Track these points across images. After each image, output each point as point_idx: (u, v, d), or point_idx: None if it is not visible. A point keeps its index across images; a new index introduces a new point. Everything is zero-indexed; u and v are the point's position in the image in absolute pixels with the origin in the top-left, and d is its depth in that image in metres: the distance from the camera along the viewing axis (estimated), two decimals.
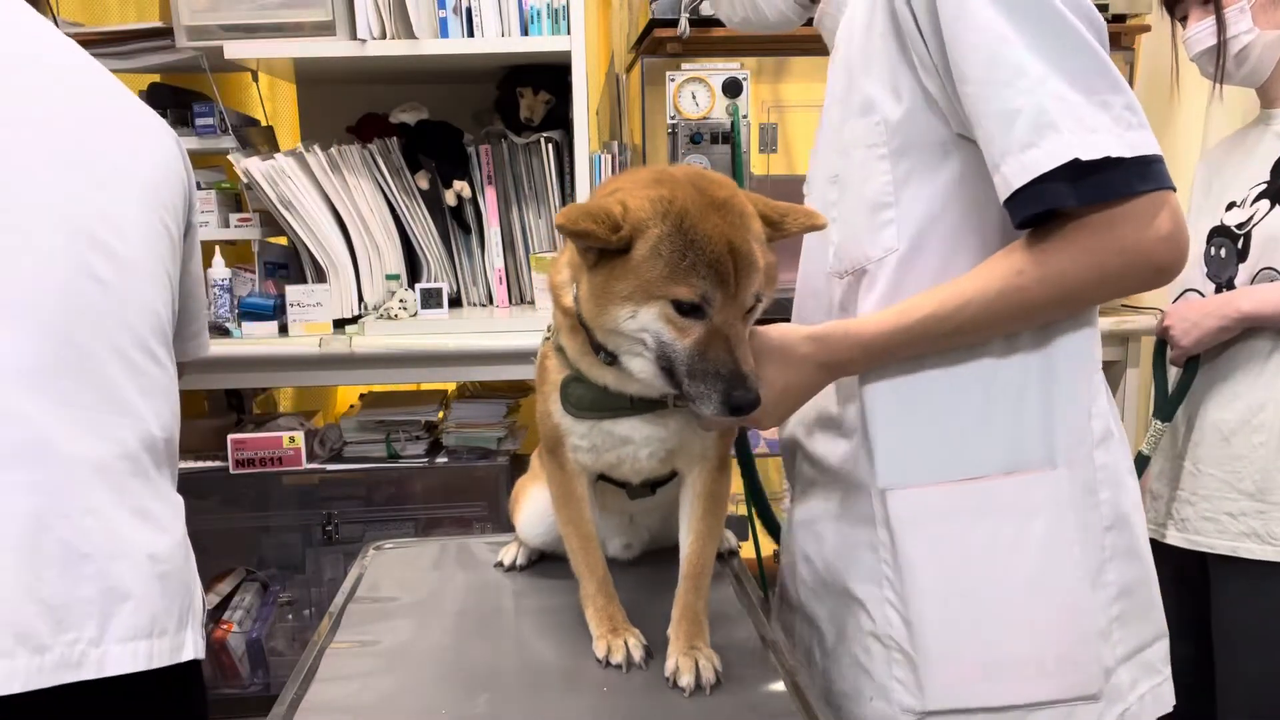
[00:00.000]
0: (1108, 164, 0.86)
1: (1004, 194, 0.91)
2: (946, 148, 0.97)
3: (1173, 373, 1.79)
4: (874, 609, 1.05)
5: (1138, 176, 0.87)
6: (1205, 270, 1.74)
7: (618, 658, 1.04)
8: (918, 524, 1.02)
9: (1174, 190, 0.89)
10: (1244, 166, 1.74)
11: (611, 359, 0.98)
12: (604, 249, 0.91)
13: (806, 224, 0.97)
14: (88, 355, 1.17)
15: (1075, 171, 0.86)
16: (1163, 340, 1.78)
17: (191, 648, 1.23)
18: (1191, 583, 1.77)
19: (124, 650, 1.15)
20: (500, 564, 1.35)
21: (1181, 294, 1.78)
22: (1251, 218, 1.66)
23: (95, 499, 1.16)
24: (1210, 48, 1.69)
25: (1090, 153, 0.86)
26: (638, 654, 1.04)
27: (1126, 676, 1.03)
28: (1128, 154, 0.87)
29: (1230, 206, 1.72)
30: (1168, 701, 1.07)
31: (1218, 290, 1.71)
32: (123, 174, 1.25)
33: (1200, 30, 1.69)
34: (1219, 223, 1.73)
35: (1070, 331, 1.00)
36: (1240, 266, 1.67)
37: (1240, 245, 1.68)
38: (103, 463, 1.17)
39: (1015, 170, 0.89)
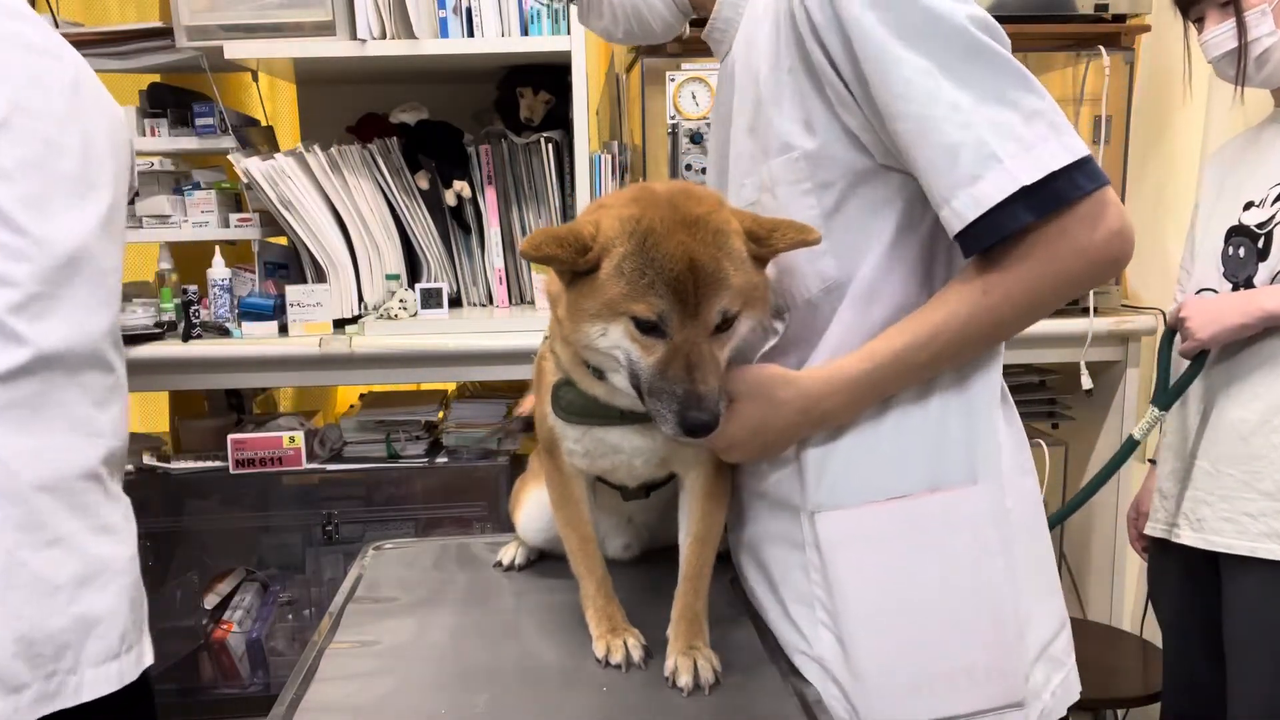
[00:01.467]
0: (1052, 174, 0.88)
1: (955, 227, 0.91)
2: (870, 175, 0.97)
3: (1178, 366, 1.78)
4: (807, 630, 1.05)
5: (1083, 177, 0.89)
6: (1222, 270, 1.72)
7: (617, 657, 1.04)
8: (846, 545, 1.02)
9: (1110, 183, 0.91)
10: (1260, 165, 1.72)
11: (600, 373, 0.99)
12: (574, 270, 0.93)
13: (797, 239, 0.95)
14: (48, 380, 1.17)
15: (1023, 192, 0.87)
16: (1172, 331, 1.77)
17: (149, 652, 1.24)
18: (1200, 583, 1.77)
19: (98, 674, 1.17)
20: (500, 564, 1.35)
21: (1197, 293, 1.77)
22: (1273, 217, 1.65)
23: (63, 527, 1.16)
24: (1231, 51, 1.67)
25: (1036, 173, 0.87)
26: (637, 654, 1.04)
27: (1040, 675, 1.04)
28: (1068, 159, 0.88)
29: (1249, 206, 1.71)
30: (1075, 690, 1.08)
31: (1235, 290, 1.70)
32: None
33: (1220, 33, 1.67)
34: (1236, 222, 1.71)
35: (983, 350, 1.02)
36: (1260, 266, 1.66)
37: (1261, 245, 1.66)
38: (68, 487, 1.17)
39: (966, 204, 0.89)
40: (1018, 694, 1.01)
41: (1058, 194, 0.88)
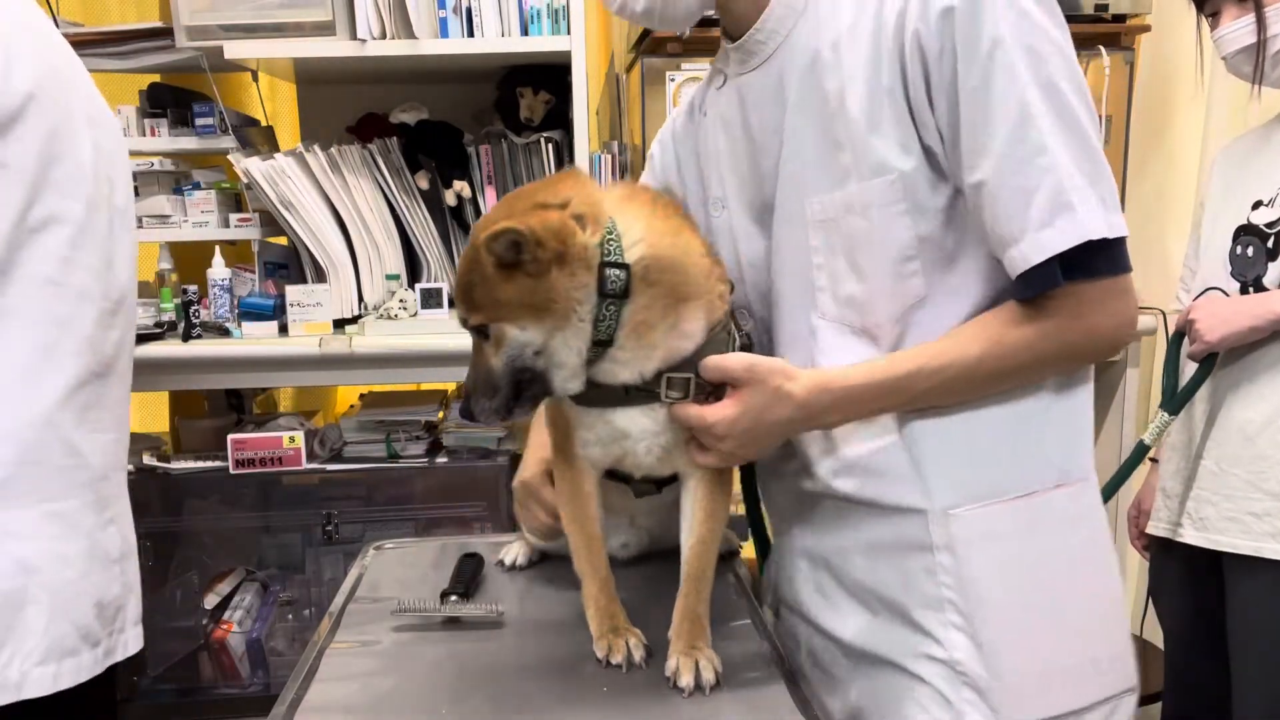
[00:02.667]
0: (1093, 245, 0.91)
1: (1017, 268, 0.94)
2: (955, 198, 0.99)
3: (1186, 368, 1.77)
4: (938, 632, 1.03)
5: (1120, 256, 0.94)
6: (1230, 269, 1.71)
7: (618, 657, 1.04)
8: (980, 544, 1.02)
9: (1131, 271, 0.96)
10: (1270, 165, 1.70)
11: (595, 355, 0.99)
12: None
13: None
14: (108, 382, 1.29)
15: (1084, 248, 0.91)
16: (1180, 333, 1.76)
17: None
18: (1202, 582, 1.76)
19: (135, 633, 1.34)
20: (501, 563, 1.35)
21: (1204, 292, 1.76)
22: None
23: (114, 509, 1.32)
24: (1247, 46, 1.65)
25: (1096, 234, 0.91)
26: (638, 654, 1.04)
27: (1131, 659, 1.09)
28: (1117, 234, 0.92)
29: (1257, 205, 1.69)
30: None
31: (1243, 290, 1.68)
32: None
33: (1236, 29, 1.65)
34: (1245, 221, 1.70)
35: None
36: (1270, 265, 1.64)
37: (1270, 244, 1.65)
38: (117, 476, 1.33)
39: (1032, 248, 0.92)
40: (1132, 679, 1.07)
41: (1091, 265, 0.92)
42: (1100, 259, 0.92)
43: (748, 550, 1.41)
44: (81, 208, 1.22)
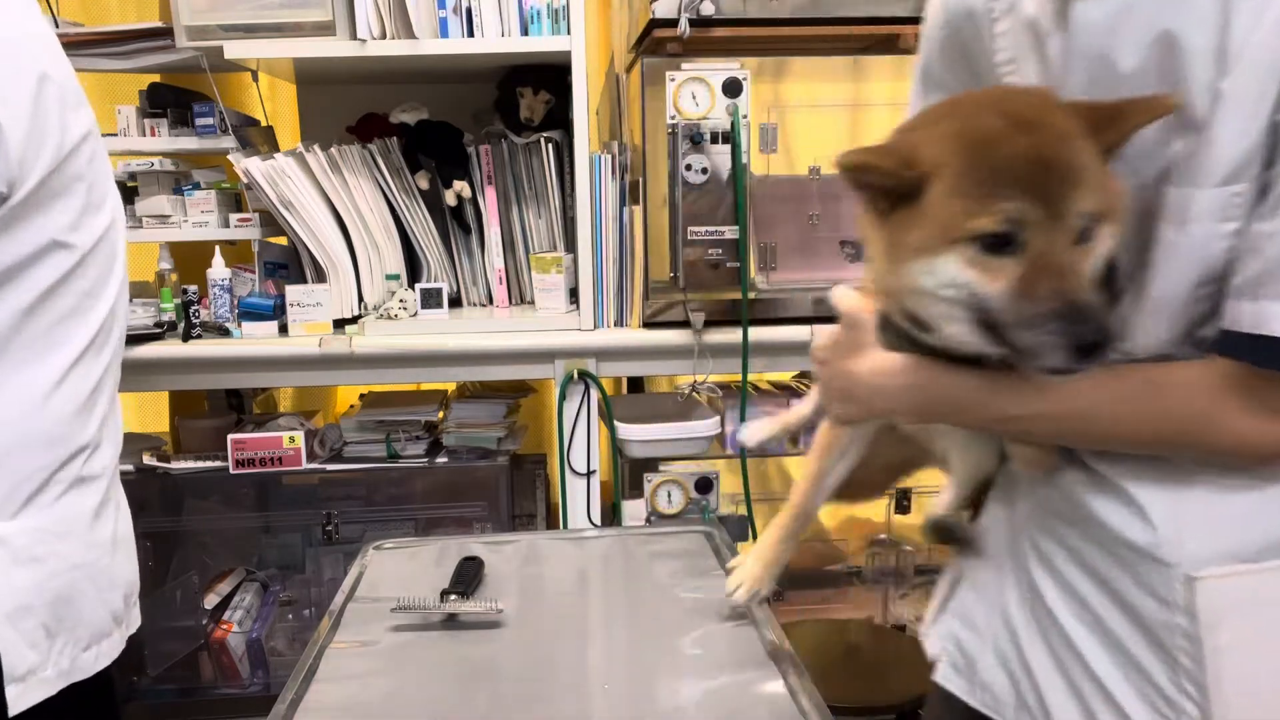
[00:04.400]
0: None
1: (1241, 326, 0.77)
2: None
3: None
4: (1168, 690, 0.87)
5: None
6: None
7: (731, 585, 1.08)
8: (1233, 613, 0.86)
9: None
10: None
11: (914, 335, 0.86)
12: (895, 194, 0.80)
13: (1150, 114, 0.76)
14: (116, 373, 1.35)
15: None
16: None
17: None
18: None
19: (137, 612, 1.39)
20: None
21: None
22: None
23: (123, 499, 1.37)
24: None
25: None
26: (744, 593, 1.07)
27: None
28: None
29: None
30: None
31: None
32: None
33: None
34: None
35: None
36: None
37: None
38: (117, 466, 1.37)
39: (1270, 317, 0.75)
40: None
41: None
42: None
43: (747, 550, 1.42)
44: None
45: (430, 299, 2.20)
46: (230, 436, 2.16)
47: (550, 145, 2.24)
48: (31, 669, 1.17)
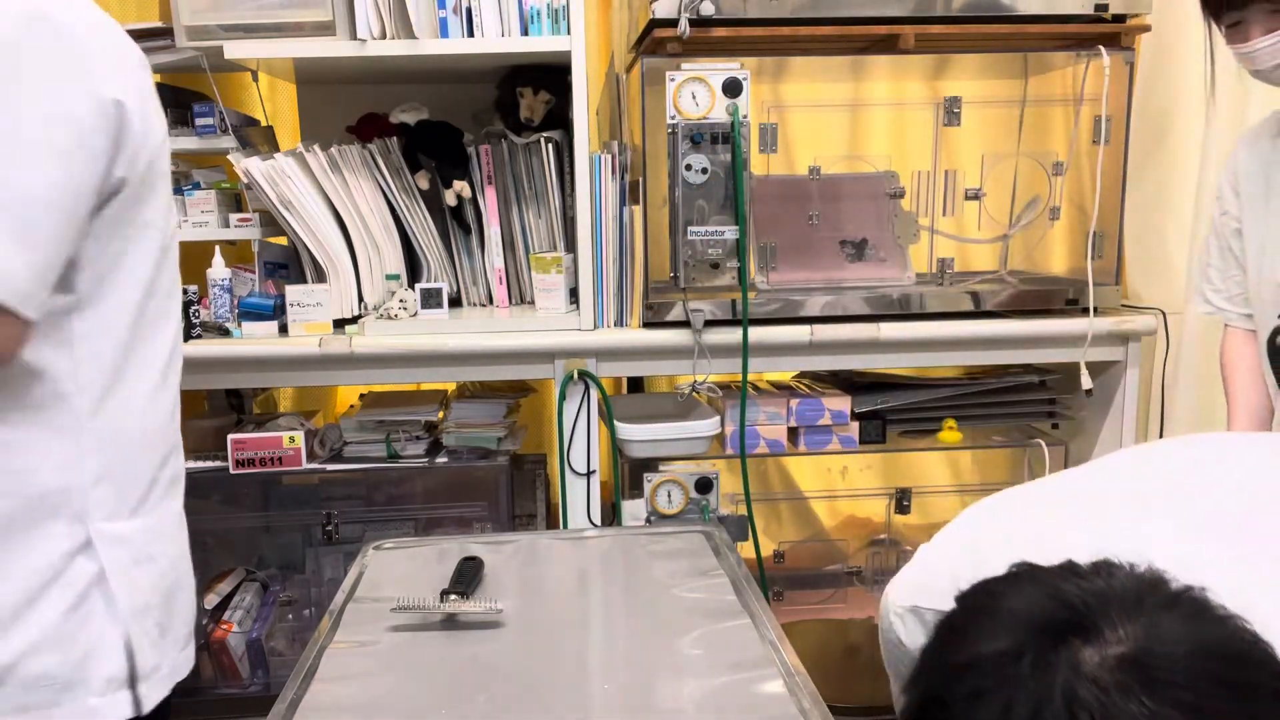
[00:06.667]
0: None
1: None
2: None
3: None
4: None
5: None
6: None
7: None
8: None
9: None
10: None
11: None
12: None
13: None
14: None
15: None
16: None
17: None
18: None
19: None
20: None
21: None
22: None
23: None
24: None
25: None
26: None
27: None
28: None
29: None
30: None
31: None
32: None
33: (1274, 42, 1.54)
34: None
35: None
36: None
37: None
38: None
39: None
40: None
41: None
42: None
43: (747, 550, 1.42)
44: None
45: (430, 299, 2.20)
46: (230, 436, 2.16)
47: (550, 145, 2.24)
48: (155, 667, 1.17)
